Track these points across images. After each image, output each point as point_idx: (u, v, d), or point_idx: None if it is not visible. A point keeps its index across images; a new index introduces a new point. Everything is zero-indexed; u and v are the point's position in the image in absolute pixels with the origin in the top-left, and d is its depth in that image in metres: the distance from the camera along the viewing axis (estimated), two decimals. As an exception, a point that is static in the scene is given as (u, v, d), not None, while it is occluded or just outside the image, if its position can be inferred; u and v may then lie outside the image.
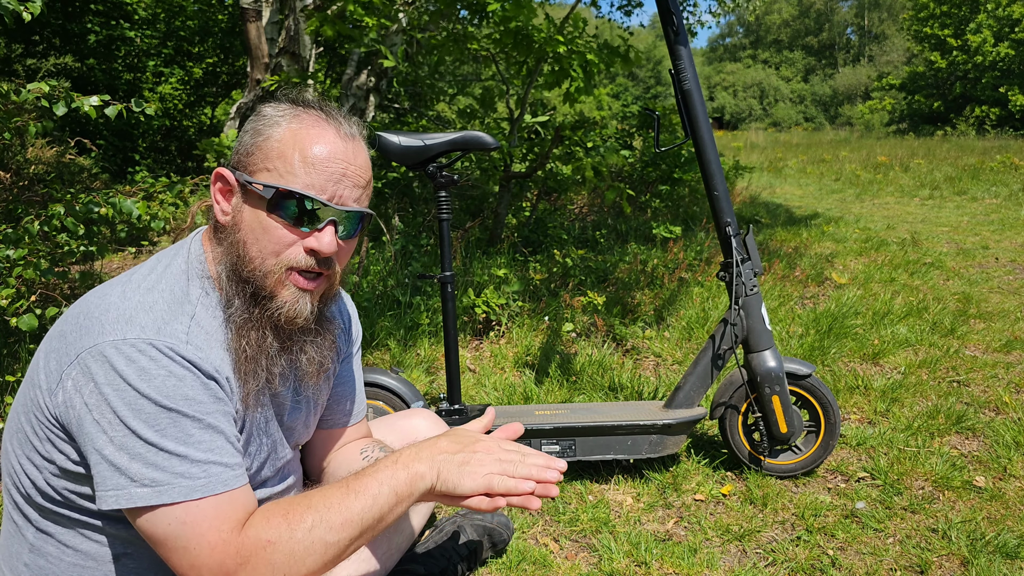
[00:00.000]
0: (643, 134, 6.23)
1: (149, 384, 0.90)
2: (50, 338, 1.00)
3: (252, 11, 4.88)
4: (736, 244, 2.01)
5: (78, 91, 3.59)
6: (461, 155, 2.01)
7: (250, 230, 1.01)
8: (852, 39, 53.37)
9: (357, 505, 0.96)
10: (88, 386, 0.90)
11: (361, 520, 0.96)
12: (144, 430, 0.89)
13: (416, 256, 4.14)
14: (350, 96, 5.80)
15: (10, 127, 2.40)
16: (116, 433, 0.89)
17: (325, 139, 1.01)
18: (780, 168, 13.17)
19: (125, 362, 0.90)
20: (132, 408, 0.89)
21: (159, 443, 0.90)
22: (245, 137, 1.04)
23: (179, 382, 0.91)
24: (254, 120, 1.05)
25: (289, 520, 0.93)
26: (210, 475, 0.92)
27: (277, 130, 1.01)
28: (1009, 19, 24.71)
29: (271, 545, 0.92)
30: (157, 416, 0.90)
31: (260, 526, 0.93)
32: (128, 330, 0.92)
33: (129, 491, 0.89)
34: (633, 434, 2.03)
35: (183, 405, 0.91)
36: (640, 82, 48.46)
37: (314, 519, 0.94)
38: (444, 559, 1.59)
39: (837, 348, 3.19)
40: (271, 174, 1.00)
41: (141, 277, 1.01)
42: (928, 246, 5.60)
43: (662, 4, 1.97)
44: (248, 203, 1.01)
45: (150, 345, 0.91)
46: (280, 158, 1.00)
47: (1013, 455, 2.24)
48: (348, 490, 0.97)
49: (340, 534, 0.95)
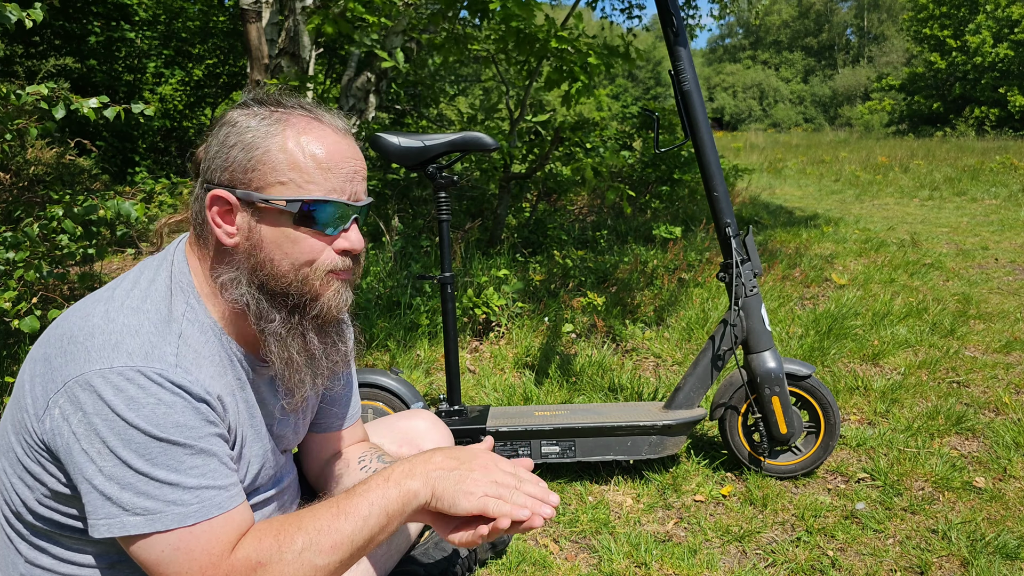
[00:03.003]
0: (643, 135, 6.24)
1: (138, 414, 0.88)
2: (34, 361, 0.96)
3: (252, 12, 4.88)
4: (736, 245, 2.01)
5: (78, 92, 3.59)
6: (461, 156, 2.02)
7: (276, 246, 0.99)
8: (852, 40, 53.39)
9: (347, 527, 0.95)
10: (76, 415, 0.88)
11: (351, 542, 0.95)
12: (134, 460, 0.88)
13: (416, 257, 4.14)
14: (350, 97, 5.81)
15: (11, 129, 2.40)
16: (106, 463, 0.88)
17: (328, 140, 1.00)
18: (780, 169, 13.18)
19: (113, 391, 0.87)
20: (122, 438, 0.87)
21: (150, 472, 0.88)
22: (234, 152, 0.98)
23: (169, 409, 0.89)
24: (232, 132, 0.99)
25: (280, 542, 0.93)
26: (203, 500, 0.91)
27: (273, 140, 0.97)
28: (1008, 20, 24.73)
29: (261, 567, 0.91)
30: (147, 445, 0.88)
31: (251, 547, 0.92)
32: (115, 357, 0.89)
33: (121, 520, 0.88)
34: (633, 435, 2.03)
35: (173, 433, 0.90)
36: (640, 83, 48.48)
37: (304, 542, 0.93)
38: (444, 560, 1.59)
39: (837, 349, 3.19)
40: (287, 187, 0.97)
41: (124, 294, 0.98)
42: (928, 247, 5.61)
43: (662, 5, 1.97)
44: (265, 221, 0.98)
45: (138, 373, 0.89)
46: (294, 169, 0.98)
47: (1013, 456, 2.24)
48: (339, 511, 0.96)
49: (330, 557, 0.94)
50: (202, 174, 1.02)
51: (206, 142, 1.03)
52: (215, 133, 1.01)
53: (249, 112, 1.00)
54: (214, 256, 1.02)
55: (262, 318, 1.00)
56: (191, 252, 1.05)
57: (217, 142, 1.00)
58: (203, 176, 1.01)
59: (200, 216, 1.01)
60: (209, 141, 1.02)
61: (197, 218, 1.02)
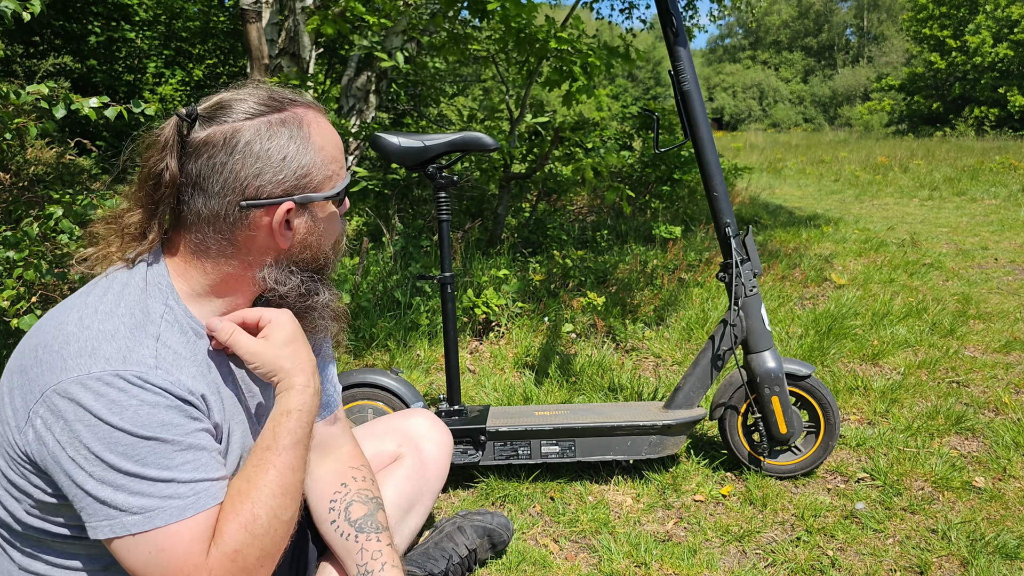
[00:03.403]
0: (643, 135, 6.24)
1: (121, 417, 0.87)
2: (10, 372, 0.96)
3: (252, 12, 4.88)
4: (735, 245, 2.01)
5: (79, 92, 3.59)
6: (461, 156, 2.02)
7: (326, 232, 1.08)
8: (851, 40, 53.39)
9: (277, 474, 0.98)
10: (58, 424, 0.88)
11: (295, 483, 1.00)
12: (123, 463, 0.88)
13: (416, 257, 4.14)
14: (350, 97, 5.80)
15: (11, 128, 2.40)
16: (95, 468, 0.87)
17: (326, 124, 1.07)
18: (779, 169, 13.18)
19: (93, 398, 0.87)
20: (107, 443, 0.87)
21: (142, 472, 0.88)
22: (288, 163, 0.99)
23: (153, 409, 0.89)
24: (262, 142, 0.98)
25: (244, 523, 0.94)
26: (199, 492, 0.92)
27: (304, 142, 1.02)
28: (1008, 20, 24.74)
29: (237, 554, 0.92)
30: (135, 446, 0.88)
31: (220, 542, 0.93)
32: (92, 364, 0.88)
33: (121, 520, 0.88)
34: (633, 435, 2.03)
35: (160, 431, 0.89)
36: (639, 83, 48.48)
37: (263, 510, 0.96)
38: (443, 560, 1.59)
39: (836, 349, 3.19)
40: (332, 179, 1.06)
41: (97, 299, 0.96)
42: (927, 247, 5.61)
43: (662, 6, 1.97)
44: (318, 214, 1.06)
45: (117, 376, 0.88)
46: (332, 161, 1.06)
47: (1012, 456, 2.24)
48: (265, 463, 0.99)
49: (291, 503, 0.99)
50: (222, 195, 0.98)
51: (208, 164, 0.97)
52: (229, 153, 0.97)
53: (252, 120, 0.99)
54: (241, 262, 1.03)
55: (310, 294, 1.09)
56: (173, 258, 1.02)
57: (243, 159, 0.97)
58: (228, 196, 0.98)
59: (221, 234, 0.99)
60: (217, 161, 0.97)
61: (206, 236, 1.00)
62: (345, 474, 1.25)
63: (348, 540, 1.19)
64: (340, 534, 1.20)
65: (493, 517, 1.76)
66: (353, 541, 1.19)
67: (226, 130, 0.97)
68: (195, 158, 0.97)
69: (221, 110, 0.99)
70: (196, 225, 1.00)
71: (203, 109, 1.00)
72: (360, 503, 1.22)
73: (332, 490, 1.24)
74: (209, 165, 0.97)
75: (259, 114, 1.00)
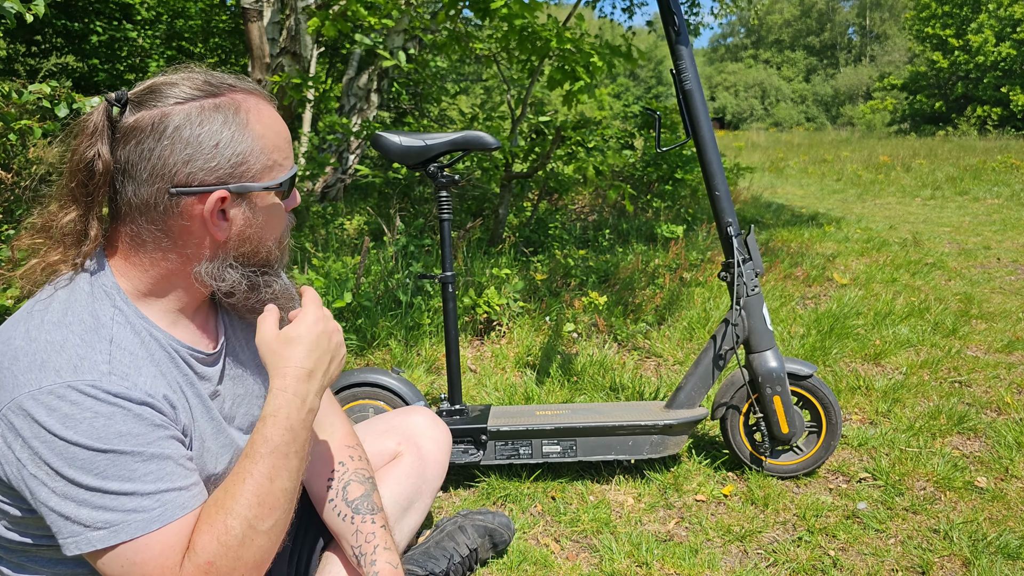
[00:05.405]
0: (644, 134, 6.24)
1: (76, 431, 0.85)
2: None
3: (254, 11, 4.88)
4: (737, 244, 2.00)
5: (80, 91, 3.59)
6: (462, 155, 2.01)
7: (266, 225, 1.03)
8: (854, 39, 53.33)
9: (254, 483, 0.95)
10: (16, 442, 0.86)
11: (274, 492, 0.96)
12: (83, 477, 0.86)
13: (417, 256, 4.14)
14: (351, 96, 5.81)
15: (14, 128, 2.40)
16: (56, 484, 0.86)
17: (270, 110, 1.03)
18: (781, 168, 13.17)
19: (46, 413, 0.85)
20: (65, 458, 0.85)
21: (102, 486, 0.86)
22: (222, 150, 0.95)
23: (108, 421, 0.87)
24: (192, 127, 0.94)
25: (217, 535, 0.92)
26: (164, 503, 0.90)
27: (241, 128, 0.97)
28: (1011, 19, 24.69)
29: (211, 566, 0.91)
30: (93, 460, 0.86)
31: (193, 553, 0.91)
32: (43, 377, 0.86)
33: (86, 536, 0.87)
34: (634, 434, 2.03)
35: (118, 443, 0.87)
36: (641, 82, 48.46)
37: (237, 521, 0.92)
38: (444, 559, 1.59)
39: (838, 348, 3.18)
40: (274, 169, 1.01)
41: (43, 310, 0.93)
42: (930, 246, 5.60)
43: (663, 4, 1.97)
44: (258, 206, 1.01)
45: (70, 388, 0.86)
46: (275, 150, 1.01)
47: (1015, 456, 2.23)
48: (244, 473, 0.96)
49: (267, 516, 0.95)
50: (150, 182, 0.94)
51: (136, 150, 0.94)
52: (157, 139, 0.93)
53: (183, 106, 0.95)
54: (180, 255, 0.99)
55: (258, 289, 1.06)
56: (115, 257, 1.00)
57: (171, 145, 0.93)
58: (157, 184, 0.94)
59: (155, 224, 0.96)
60: (145, 147, 0.93)
61: (140, 227, 0.97)
62: (342, 452, 1.24)
63: (345, 521, 1.18)
64: (338, 514, 1.19)
65: (494, 517, 1.76)
66: (349, 522, 1.18)
67: (155, 115, 0.94)
68: (124, 144, 0.94)
69: (152, 95, 0.95)
70: (130, 216, 0.97)
71: (133, 94, 0.96)
72: (357, 483, 1.21)
73: (329, 468, 1.22)
74: (137, 151, 0.94)
75: (191, 99, 0.95)
